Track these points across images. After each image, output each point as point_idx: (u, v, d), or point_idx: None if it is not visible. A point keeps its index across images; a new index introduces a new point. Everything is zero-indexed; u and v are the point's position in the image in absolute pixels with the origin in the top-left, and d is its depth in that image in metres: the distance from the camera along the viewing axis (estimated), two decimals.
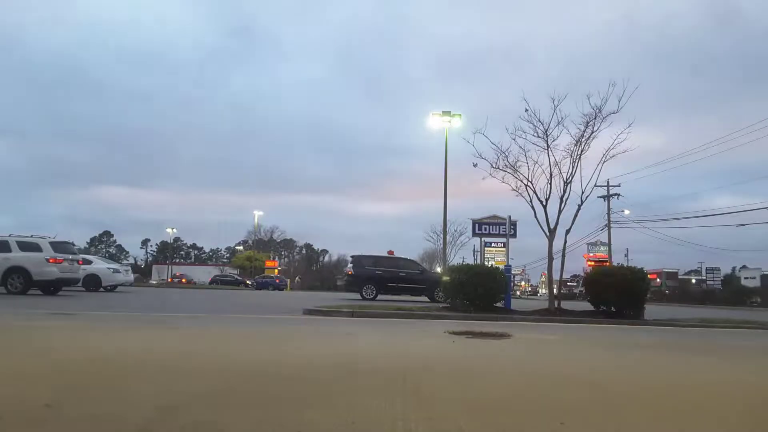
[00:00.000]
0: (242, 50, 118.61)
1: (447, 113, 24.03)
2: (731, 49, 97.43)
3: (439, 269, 47.29)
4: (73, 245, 18.17)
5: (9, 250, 14.68)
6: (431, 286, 18.79)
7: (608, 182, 39.91)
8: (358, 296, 18.89)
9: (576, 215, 11.85)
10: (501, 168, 11.95)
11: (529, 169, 11.79)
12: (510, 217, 15.26)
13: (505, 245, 16.19)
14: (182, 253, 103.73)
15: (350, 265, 21.72)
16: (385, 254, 22.20)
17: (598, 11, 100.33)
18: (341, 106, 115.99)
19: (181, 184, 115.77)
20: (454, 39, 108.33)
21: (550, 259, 12.36)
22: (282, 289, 41.33)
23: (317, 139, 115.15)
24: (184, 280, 59.12)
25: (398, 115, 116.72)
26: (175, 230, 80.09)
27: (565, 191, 11.61)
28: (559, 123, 11.46)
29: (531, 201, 11.81)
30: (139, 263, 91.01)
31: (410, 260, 22.57)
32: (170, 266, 75.41)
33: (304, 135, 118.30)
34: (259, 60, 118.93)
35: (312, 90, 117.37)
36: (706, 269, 65.11)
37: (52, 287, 15.38)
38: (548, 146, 11.62)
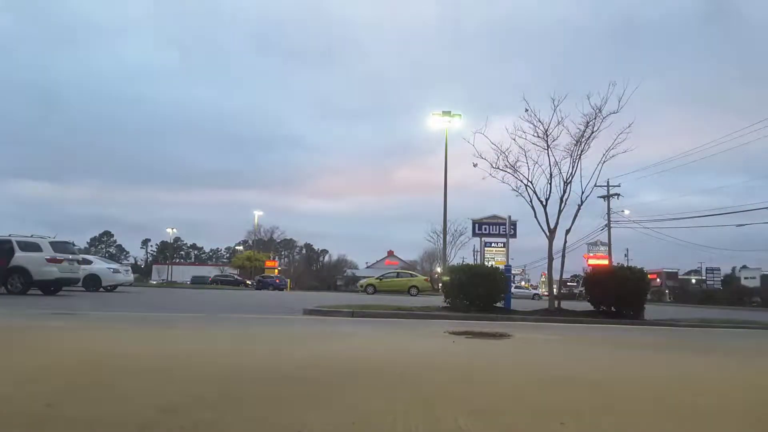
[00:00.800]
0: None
1: (447, 113, 24.02)
2: (731, 47, 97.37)
3: (439, 269, 47.40)
4: (74, 245, 18.18)
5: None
6: None
7: (608, 182, 39.94)
8: None
9: (576, 215, 11.87)
10: (501, 168, 11.97)
11: (529, 169, 11.81)
12: (510, 217, 15.28)
13: (505, 245, 16.20)
14: (182, 253, 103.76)
15: None
16: None
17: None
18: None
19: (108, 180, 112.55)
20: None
21: (550, 259, 12.36)
22: (282, 289, 41.33)
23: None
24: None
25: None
26: (175, 230, 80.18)
27: (565, 191, 11.64)
28: (559, 123, 11.49)
29: (531, 201, 11.84)
30: (139, 263, 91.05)
31: None
32: (170, 266, 75.40)
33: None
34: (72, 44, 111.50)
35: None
36: (706, 269, 65.12)
37: (52, 287, 15.39)
38: (548, 146, 11.64)
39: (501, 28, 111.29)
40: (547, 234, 11.74)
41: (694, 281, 57.69)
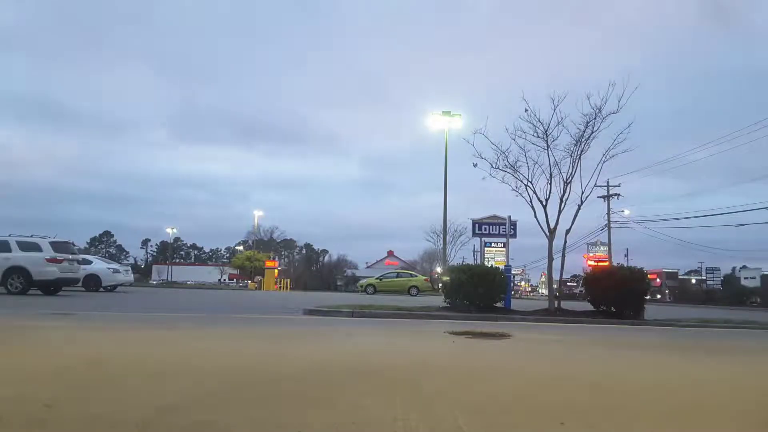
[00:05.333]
0: None
1: (447, 113, 24.03)
2: (731, 48, 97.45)
3: (439, 269, 47.43)
4: (73, 245, 18.16)
5: (9, 250, 14.68)
6: None
7: (608, 182, 39.93)
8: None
9: (576, 215, 11.86)
10: (501, 168, 11.97)
11: (529, 169, 11.81)
12: (510, 217, 15.28)
13: (505, 245, 16.19)
14: (182, 253, 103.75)
15: None
16: None
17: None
18: None
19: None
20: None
21: (550, 259, 12.36)
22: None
23: None
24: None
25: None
26: (175, 230, 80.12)
27: (565, 191, 11.62)
28: (559, 123, 11.48)
29: (531, 201, 11.83)
30: (139, 263, 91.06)
31: None
32: (170, 266, 75.42)
33: None
34: None
35: None
36: (706, 269, 65.19)
37: (52, 287, 15.38)
38: (548, 146, 11.63)
39: (501, 27, 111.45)
40: (547, 234, 11.74)
41: (694, 281, 57.66)
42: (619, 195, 42.03)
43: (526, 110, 11.60)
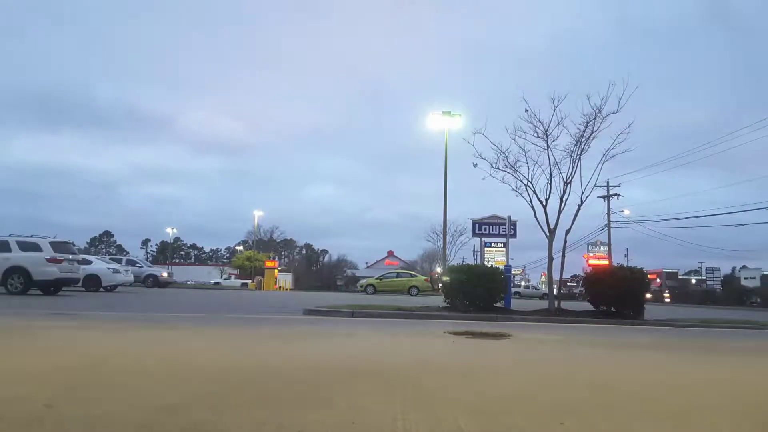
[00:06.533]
0: None
1: (447, 113, 23.99)
2: (729, 47, 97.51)
3: (439, 269, 47.46)
4: (74, 245, 18.15)
5: (9, 250, 14.68)
6: None
7: (608, 182, 39.94)
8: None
9: (576, 215, 11.87)
10: (501, 168, 11.98)
11: (529, 169, 11.82)
12: (510, 217, 15.29)
13: (505, 245, 16.20)
14: (182, 253, 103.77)
15: None
16: None
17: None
18: None
19: None
20: None
21: (550, 259, 12.37)
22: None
23: None
24: None
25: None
26: (175, 230, 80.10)
27: (565, 191, 11.64)
28: (559, 123, 11.49)
29: (531, 201, 11.84)
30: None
31: None
32: (170, 266, 75.40)
33: None
34: None
35: None
36: (706, 269, 65.20)
37: (52, 287, 15.38)
38: (548, 146, 11.64)
39: (500, 27, 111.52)
40: (547, 234, 11.75)
41: (694, 281, 57.59)
42: (619, 195, 42.09)
43: (526, 110, 11.62)
